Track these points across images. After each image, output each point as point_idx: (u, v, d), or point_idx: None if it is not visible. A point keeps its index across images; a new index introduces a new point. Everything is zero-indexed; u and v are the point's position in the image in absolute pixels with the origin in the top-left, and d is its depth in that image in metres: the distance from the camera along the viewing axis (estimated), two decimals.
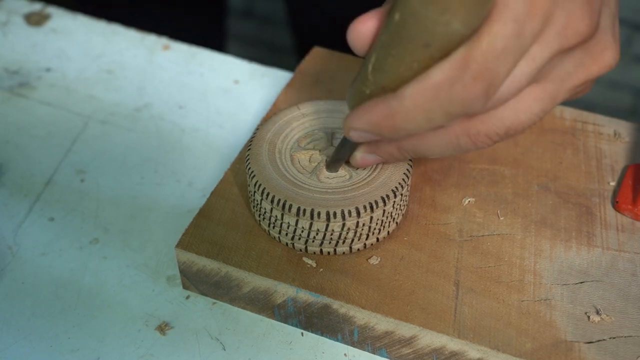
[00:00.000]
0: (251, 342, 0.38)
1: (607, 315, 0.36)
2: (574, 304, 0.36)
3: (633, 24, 1.32)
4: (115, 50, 0.59)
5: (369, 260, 0.38)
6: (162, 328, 0.39)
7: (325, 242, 0.37)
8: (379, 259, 0.38)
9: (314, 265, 0.37)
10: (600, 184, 0.44)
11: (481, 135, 0.31)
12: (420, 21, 0.27)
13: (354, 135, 0.33)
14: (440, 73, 0.28)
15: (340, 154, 0.37)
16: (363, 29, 0.30)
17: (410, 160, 0.39)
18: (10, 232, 0.43)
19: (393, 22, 0.28)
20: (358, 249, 0.38)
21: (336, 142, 0.41)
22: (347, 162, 0.39)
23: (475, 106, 0.28)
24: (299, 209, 0.36)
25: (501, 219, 0.41)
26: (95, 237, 0.43)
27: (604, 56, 0.31)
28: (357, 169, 0.39)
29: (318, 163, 0.39)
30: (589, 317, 0.36)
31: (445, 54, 0.28)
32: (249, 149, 0.40)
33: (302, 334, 0.39)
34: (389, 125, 0.30)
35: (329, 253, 0.38)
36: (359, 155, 0.37)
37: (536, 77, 0.30)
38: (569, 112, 0.49)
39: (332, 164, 0.38)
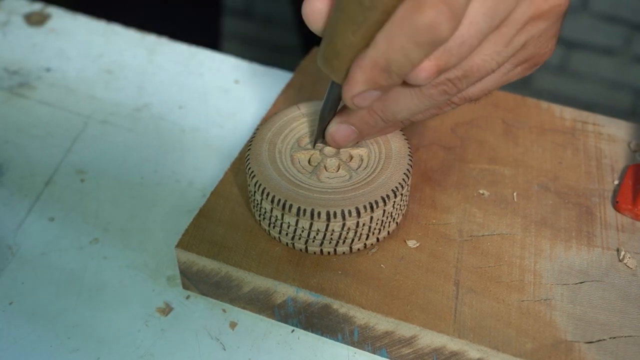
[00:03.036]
0: (251, 342, 0.38)
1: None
2: (574, 304, 0.36)
3: (633, 24, 1.32)
4: (115, 50, 0.59)
5: (370, 251, 0.38)
6: (165, 311, 0.39)
7: (325, 242, 0.37)
8: (381, 262, 0.38)
9: (416, 244, 0.38)
10: (600, 184, 0.44)
11: (441, 79, 0.32)
12: None
13: (359, 101, 0.33)
14: (402, 6, 0.28)
15: (322, 126, 0.38)
16: (318, 4, 0.32)
17: (410, 160, 0.39)
18: (10, 232, 0.43)
19: None
20: (358, 249, 0.38)
21: None
22: (346, 162, 0.39)
23: (442, 30, 0.28)
24: (299, 209, 0.36)
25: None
26: (95, 237, 0.43)
27: None
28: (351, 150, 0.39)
29: (318, 163, 0.39)
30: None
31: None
32: (249, 149, 0.40)
33: (292, 330, 0.39)
34: (379, 74, 0.31)
35: (329, 253, 0.38)
36: (333, 127, 0.37)
37: (492, 22, 0.30)
38: (569, 112, 0.49)
39: (318, 139, 0.39)
